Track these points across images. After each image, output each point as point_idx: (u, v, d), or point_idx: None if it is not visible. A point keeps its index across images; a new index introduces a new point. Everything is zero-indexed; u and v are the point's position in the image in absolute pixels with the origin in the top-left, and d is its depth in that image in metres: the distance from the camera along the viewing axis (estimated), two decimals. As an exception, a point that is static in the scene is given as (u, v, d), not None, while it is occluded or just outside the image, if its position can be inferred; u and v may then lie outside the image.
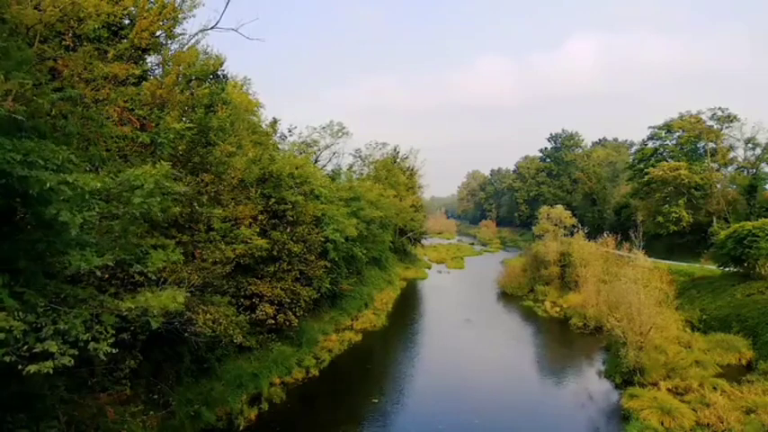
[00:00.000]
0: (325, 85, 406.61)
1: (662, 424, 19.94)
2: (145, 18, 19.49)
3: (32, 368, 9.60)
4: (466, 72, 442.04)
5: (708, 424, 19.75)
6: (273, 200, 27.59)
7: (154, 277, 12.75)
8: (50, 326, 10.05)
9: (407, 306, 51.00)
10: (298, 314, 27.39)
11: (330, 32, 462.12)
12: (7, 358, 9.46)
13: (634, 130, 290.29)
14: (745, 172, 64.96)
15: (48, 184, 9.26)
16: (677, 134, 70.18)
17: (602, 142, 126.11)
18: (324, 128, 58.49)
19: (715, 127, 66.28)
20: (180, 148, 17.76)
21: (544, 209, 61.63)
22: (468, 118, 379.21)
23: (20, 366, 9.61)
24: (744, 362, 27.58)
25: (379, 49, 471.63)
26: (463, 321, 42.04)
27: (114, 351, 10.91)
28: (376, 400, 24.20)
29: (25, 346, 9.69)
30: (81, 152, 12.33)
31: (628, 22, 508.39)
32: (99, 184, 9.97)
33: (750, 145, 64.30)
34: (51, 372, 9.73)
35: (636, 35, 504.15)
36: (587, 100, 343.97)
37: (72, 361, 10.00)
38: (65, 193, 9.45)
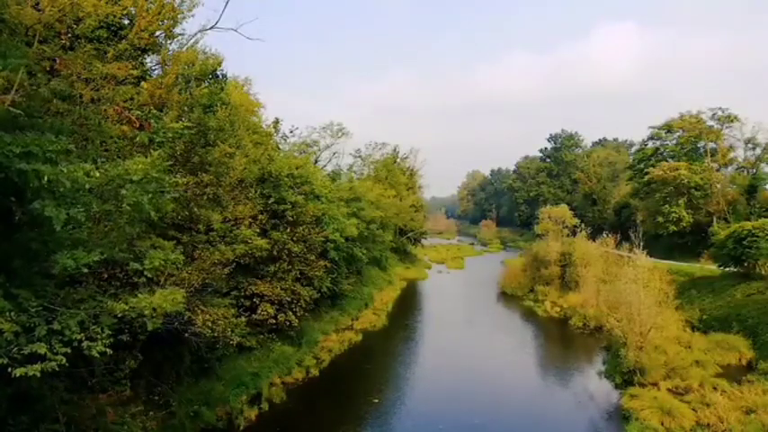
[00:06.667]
0: (325, 84, 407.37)
1: (662, 424, 19.92)
2: (144, 18, 19.48)
3: (20, 371, 9.55)
4: (465, 73, 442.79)
5: (708, 424, 19.71)
6: (273, 200, 27.58)
7: (150, 275, 12.67)
8: (43, 326, 10.00)
9: (407, 306, 50.98)
10: (298, 314, 27.39)
11: (329, 39, 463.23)
12: None
13: (636, 129, 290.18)
14: (745, 172, 65.03)
15: (45, 177, 9.21)
16: (677, 134, 70.19)
17: (602, 142, 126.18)
18: (324, 128, 58.50)
19: (715, 127, 66.31)
20: (178, 148, 17.73)
21: (546, 208, 61.63)
22: (467, 118, 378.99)
23: (9, 369, 9.57)
24: (744, 362, 27.59)
25: (378, 49, 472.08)
26: (463, 321, 42.07)
27: (109, 352, 10.84)
28: (376, 400, 24.19)
29: (16, 348, 9.65)
30: (80, 151, 12.31)
31: (625, 22, 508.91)
32: (97, 175, 9.90)
33: (750, 145, 64.45)
34: (39, 374, 9.66)
35: (631, 35, 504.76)
36: (586, 100, 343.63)
37: (64, 360, 9.92)
38: (63, 186, 9.39)
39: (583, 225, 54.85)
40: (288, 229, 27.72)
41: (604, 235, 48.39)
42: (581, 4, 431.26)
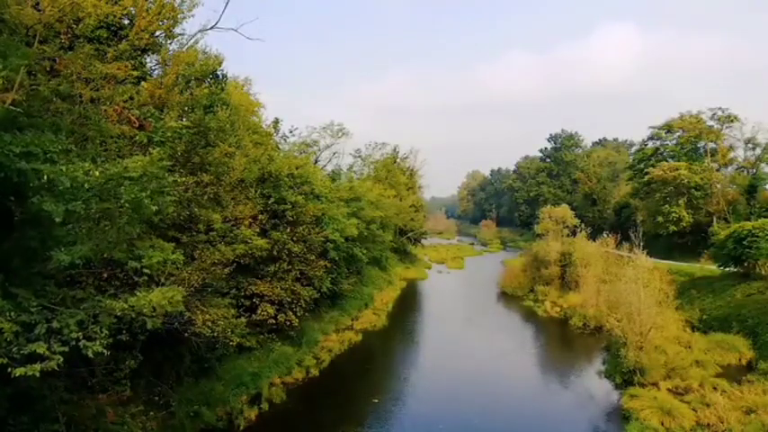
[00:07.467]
0: (325, 84, 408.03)
1: (662, 424, 19.92)
2: (144, 18, 19.50)
3: (19, 371, 9.53)
4: (465, 73, 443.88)
5: (708, 424, 19.71)
6: (273, 200, 27.59)
7: (149, 272, 12.64)
8: (43, 324, 9.99)
9: (407, 306, 50.99)
10: (298, 314, 27.38)
11: (329, 39, 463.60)
12: None
13: (636, 129, 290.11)
14: (745, 172, 65.05)
15: (45, 176, 9.20)
16: (677, 134, 70.20)
17: (602, 142, 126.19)
18: (324, 128, 58.46)
19: (715, 127, 66.34)
20: (179, 148, 17.73)
21: (546, 208, 61.60)
22: (467, 118, 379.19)
23: (9, 369, 9.56)
24: (744, 362, 27.57)
25: (378, 49, 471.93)
26: (463, 321, 42.05)
27: (107, 352, 10.81)
28: (376, 400, 24.19)
29: (16, 348, 9.63)
30: (79, 150, 12.31)
31: (621, 22, 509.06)
32: (97, 174, 9.89)
33: (750, 145, 64.48)
34: (39, 374, 9.65)
35: (625, 38, 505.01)
36: (586, 100, 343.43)
37: (61, 359, 9.89)
38: (63, 184, 9.37)
39: (583, 225, 54.80)
40: (288, 229, 27.73)
41: (604, 235, 48.31)
42: (581, 4, 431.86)
